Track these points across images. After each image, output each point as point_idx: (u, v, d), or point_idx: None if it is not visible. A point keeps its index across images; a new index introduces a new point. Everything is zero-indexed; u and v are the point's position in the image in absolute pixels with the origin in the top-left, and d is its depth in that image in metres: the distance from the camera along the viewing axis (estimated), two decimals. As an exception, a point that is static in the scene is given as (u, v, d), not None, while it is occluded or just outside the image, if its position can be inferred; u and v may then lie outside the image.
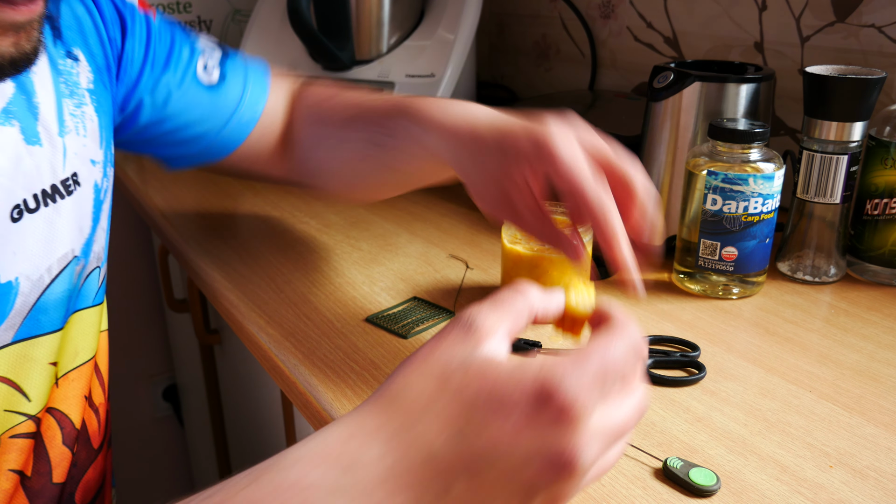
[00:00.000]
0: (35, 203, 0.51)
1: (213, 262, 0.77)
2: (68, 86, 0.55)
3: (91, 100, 0.57)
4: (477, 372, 0.33)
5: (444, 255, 0.79)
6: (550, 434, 0.31)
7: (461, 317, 0.36)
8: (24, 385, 0.53)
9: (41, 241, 0.51)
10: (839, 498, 0.44)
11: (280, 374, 0.60)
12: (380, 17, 1.04)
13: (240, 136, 0.70)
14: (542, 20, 1.26)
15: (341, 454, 0.32)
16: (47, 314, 0.53)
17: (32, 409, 0.54)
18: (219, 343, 1.05)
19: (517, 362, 0.33)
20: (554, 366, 0.32)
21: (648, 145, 0.77)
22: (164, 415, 1.58)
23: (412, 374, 0.34)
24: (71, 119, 0.55)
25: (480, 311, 0.36)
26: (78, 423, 0.59)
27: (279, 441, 0.89)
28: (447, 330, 0.36)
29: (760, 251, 0.67)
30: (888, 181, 0.69)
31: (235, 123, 0.69)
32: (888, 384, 0.55)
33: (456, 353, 0.34)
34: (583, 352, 0.33)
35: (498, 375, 0.32)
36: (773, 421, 0.51)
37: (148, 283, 1.49)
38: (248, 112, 0.70)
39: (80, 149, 0.55)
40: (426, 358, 0.35)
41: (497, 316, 0.36)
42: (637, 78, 1.11)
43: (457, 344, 0.35)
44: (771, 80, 0.74)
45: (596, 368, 0.32)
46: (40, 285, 0.52)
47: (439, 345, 0.35)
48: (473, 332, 0.35)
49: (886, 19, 0.78)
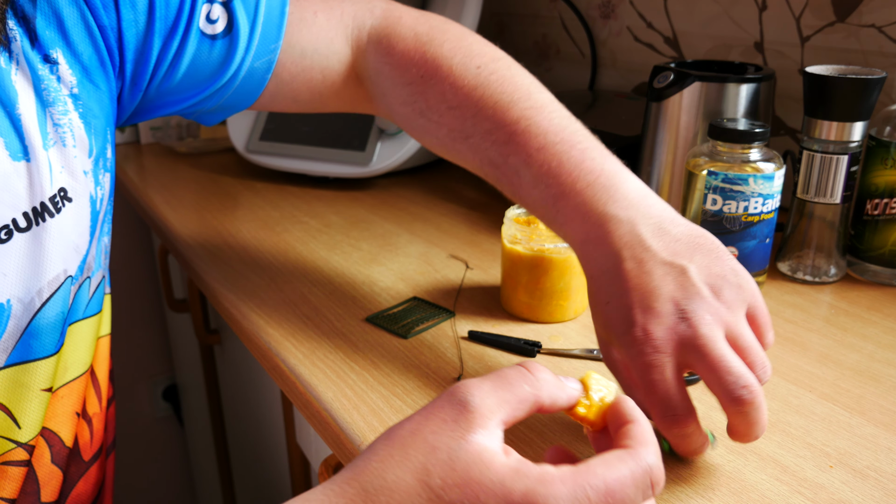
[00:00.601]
0: (26, 222, 0.48)
1: (213, 262, 0.77)
2: (49, 93, 0.50)
3: (75, 106, 0.52)
4: (463, 473, 0.31)
5: (444, 255, 0.79)
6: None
7: (456, 392, 0.33)
8: (15, 411, 0.51)
9: (31, 261, 0.49)
10: (839, 498, 0.44)
11: (280, 374, 0.60)
12: (380, 17, 1.04)
13: (258, 83, 0.61)
14: (542, 20, 1.26)
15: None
16: (39, 339, 0.51)
17: (24, 437, 0.52)
18: (219, 343, 1.05)
19: (509, 470, 0.31)
20: (549, 485, 0.30)
21: (648, 145, 0.77)
22: (164, 415, 1.58)
23: (392, 460, 0.32)
24: (55, 130, 0.50)
25: (479, 391, 0.33)
26: (69, 441, 0.56)
27: (279, 441, 0.89)
28: (438, 405, 0.33)
29: (760, 251, 0.67)
30: (888, 181, 0.69)
31: (246, 73, 0.60)
32: (888, 384, 0.55)
33: (442, 441, 0.32)
34: (582, 473, 0.31)
35: (484, 484, 0.30)
36: (773, 421, 0.51)
37: (148, 283, 1.49)
38: (260, 56, 0.60)
39: (68, 161, 0.51)
40: (410, 440, 0.32)
41: (496, 399, 0.33)
42: (637, 78, 1.11)
43: (446, 427, 0.32)
44: (771, 80, 0.74)
45: (596, 491, 0.30)
46: (32, 308, 0.49)
47: (427, 423, 0.32)
48: (466, 415, 0.32)
49: (886, 19, 0.78)
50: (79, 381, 0.57)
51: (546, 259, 0.62)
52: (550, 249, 0.62)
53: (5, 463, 0.51)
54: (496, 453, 0.31)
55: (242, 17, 0.59)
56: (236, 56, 0.59)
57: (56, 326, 0.52)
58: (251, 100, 0.63)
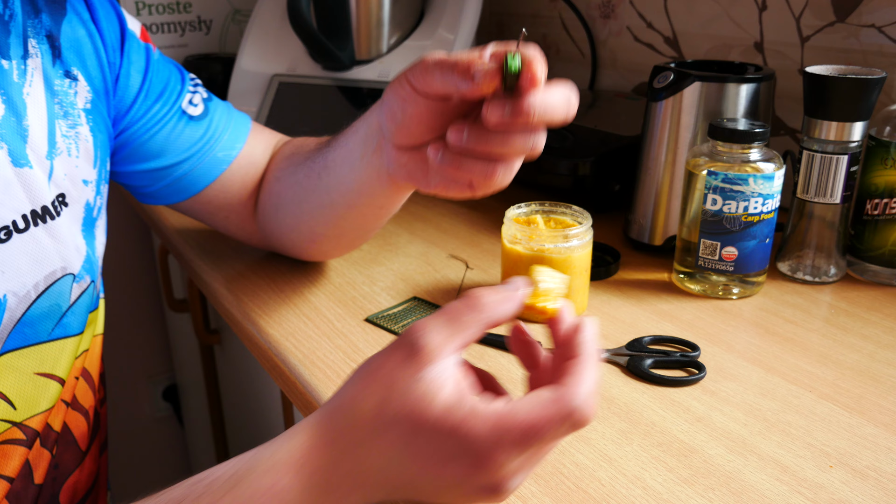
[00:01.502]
0: (24, 223, 0.51)
1: (213, 262, 0.77)
2: (63, 106, 0.55)
3: (87, 119, 0.57)
4: (412, 406, 0.36)
5: (444, 255, 0.79)
6: (470, 478, 0.36)
7: (408, 334, 0.38)
8: (10, 394, 0.53)
9: (29, 259, 0.52)
10: (839, 498, 0.44)
11: (280, 374, 0.60)
12: (380, 17, 1.04)
13: (213, 171, 0.68)
14: (542, 20, 1.26)
15: (305, 462, 0.38)
16: (33, 327, 0.54)
17: (19, 416, 0.55)
18: (219, 343, 1.05)
19: (448, 405, 0.36)
20: (476, 419, 0.36)
21: (648, 145, 0.77)
22: (164, 415, 1.59)
23: (362, 393, 0.38)
24: (63, 140, 0.55)
25: (429, 329, 0.38)
26: (58, 425, 0.59)
27: (279, 441, 0.89)
28: (396, 346, 0.38)
29: (760, 251, 0.67)
30: (888, 181, 0.69)
31: (211, 157, 0.67)
32: (888, 384, 0.55)
33: (397, 378, 0.37)
34: (507, 414, 0.36)
35: (426, 417, 0.36)
36: (773, 421, 0.51)
37: (148, 283, 1.49)
38: (225, 148, 0.68)
39: (70, 170, 0.55)
40: (374, 375, 0.38)
41: (445, 335, 0.38)
42: (637, 78, 1.11)
43: (399, 367, 0.37)
44: (771, 80, 0.74)
45: (519, 430, 0.35)
46: (27, 300, 0.52)
47: (386, 362, 0.38)
48: (416, 354, 0.37)
49: (886, 19, 0.78)
50: (71, 370, 0.59)
51: (546, 259, 0.62)
52: (550, 249, 0.62)
53: (4, 442, 0.54)
54: (441, 388, 0.36)
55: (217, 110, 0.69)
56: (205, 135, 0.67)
57: (51, 316, 0.55)
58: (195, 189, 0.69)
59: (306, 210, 0.65)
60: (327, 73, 1.06)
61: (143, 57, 0.63)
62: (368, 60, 1.05)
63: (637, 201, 0.79)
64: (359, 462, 0.38)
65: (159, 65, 0.65)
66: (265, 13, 1.14)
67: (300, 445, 0.38)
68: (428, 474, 0.37)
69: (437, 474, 0.37)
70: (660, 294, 0.70)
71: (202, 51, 1.36)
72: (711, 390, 0.55)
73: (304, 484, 0.37)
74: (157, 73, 0.64)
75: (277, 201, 0.69)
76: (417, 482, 0.38)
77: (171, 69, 0.67)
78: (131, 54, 0.62)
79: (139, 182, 0.67)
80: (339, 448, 0.38)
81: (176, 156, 0.66)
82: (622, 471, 0.46)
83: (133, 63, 0.62)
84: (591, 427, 0.50)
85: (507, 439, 0.35)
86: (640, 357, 0.57)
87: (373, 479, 0.38)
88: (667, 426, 0.50)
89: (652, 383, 0.56)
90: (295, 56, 1.08)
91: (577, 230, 0.63)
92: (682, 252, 0.71)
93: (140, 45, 0.63)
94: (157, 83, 0.64)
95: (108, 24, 0.60)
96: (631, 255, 0.79)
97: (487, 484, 0.37)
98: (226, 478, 0.38)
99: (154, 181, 0.67)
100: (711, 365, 0.58)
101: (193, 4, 1.35)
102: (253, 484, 0.37)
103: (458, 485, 0.37)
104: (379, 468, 0.38)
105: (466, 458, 0.36)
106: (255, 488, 0.37)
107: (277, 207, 0.69)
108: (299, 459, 0.38)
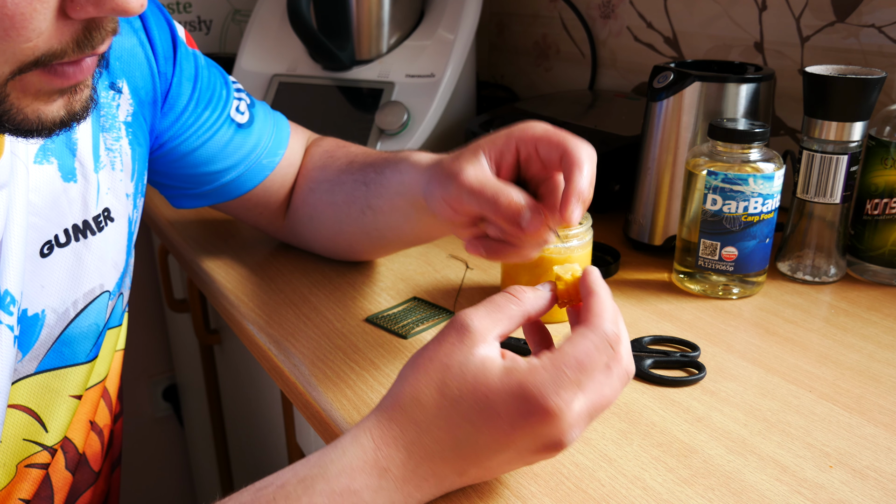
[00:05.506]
0: (66, 238, 0.51)
1: (213, 262, 0.77)
2: (107, 119, 0.55)
3: (127, 132, 0.57)
4: (472, 381, 0.39)
5: (444, 255, 0.79)
6: (539, 432, 0.38)
7: (458, 319, 0.41)
8: (44, 416, 0.52)
9: (68, 275, 0.51)
10: (839, 498, 0.44)
11: (280, 374, 0.60)
12: (380, 17, 1.04)
13: (257, 176, 0.69)
14: (542, 20, 1.26)
15: (376, 462, 0.39)
16: (71, 347, 0.53)
17: (50, 441, 0.54)
18: (219, 343, 1.05)
19: (505, 370, 0.39)
20: (535, 374, 0.38)
21: (648, 145, 0.77)
22: (164, 415, 1.58)
23: (419, 383, 0.40)
24: (107, 154, 0.54)
25: (476, 315, 0.41)
26: (81, 447, 0.58)
27: (279, 441, 0.89)
28: (445, 332, 0.41)
29: (760, 251, 0.67)
30: (888, 181, 0.69)
31: (256, 164, 0.68)
32: (888, 384, 0.55)
33: (454, 358, 0.40)
34: (557, 357, 0.39)
35: (488, 385, 0.39)
36: (772, 421, 0.51)
37: (148, 283, 1.49)
38: (270, 154, 0.69)
39: (114, 184, 0.55)
40: (428, 364, 0.41)
41: (490, 320, 0.41)
42: (637, 78, 1.11)
43: (454, 349, 0.40)
44: (771, 80, 0.74)
45: (571, 368, 0.38)
46: (66, 318, 0.52)
47: (439, 348, 0.41)
48: (468, 335, 0.40)
49: (886, 19, 0.78)
50: (95, 389, 0.58)
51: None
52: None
53: (29, 465, 0.53)
54: (495, 360, 0.40)
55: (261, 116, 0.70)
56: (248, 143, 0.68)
57: (89, 336, 0.54)
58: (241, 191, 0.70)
59: (347, 231, 0.68)
60: (327, 73, 1.06)
61: (193, 65, 0.63)
62: (368, 60, 1.05)
63: (637, 201, 0.79)
64: (428, 451, 0.39)
65: (207, 71, 0.65)
66: (265, 13, 1.14)
67: (368, 446, 0.40)
68: (498, 442, 0.39)
69: (507, 440, 0.38)
70: (660, 294, 0.70)
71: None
72: (711, 390, 0.55)
73: (377, 484, 0.39)
74: (205, 81, 0.64)
75: (313, 213, 0.70)
76: (488, 454, 0.39)
77: (217, 75, 0.67)
78: (182, 63, 0.61)
79: (182, 184, 0.68)
80: (405, 443, 0.39)
81: (223, 163, 0.67)
82: (622, 471, 0.46)
83: (184, 71, 0.62)
84: (590, 427, 0.50)
85: (565, 380, 0.38)
86: (640, 357, 0.57)
87: (443, 463, 0.39)
88: (667, 426, 0.50)
89: (652, 383, 0.56)
90: (295, 56, 1.08)
91: (577, 230, 0.63)
92: (682, 252, 0.71)
93: (189, 52, 0.63)
94: (205, 91, 0.64)
95: (160, 33, 0.59)
96: (631, 255, 0.79)
97: (554, 435, 0.38)
98: (296, 481, 0.39)
99: (198, 185, 0.68)
100: (711, 365, 0.58)
101: (193, 4, 1.35)
102: (327, 487, 0.38)
103: (526, 445, 0.39)
104: (449, 449, 0.39)
105: (535, 412, 0.37)
106: (331, 490, 0.38)
107: (312, 218, 0.71)
108: (369, 460, 0.39)
